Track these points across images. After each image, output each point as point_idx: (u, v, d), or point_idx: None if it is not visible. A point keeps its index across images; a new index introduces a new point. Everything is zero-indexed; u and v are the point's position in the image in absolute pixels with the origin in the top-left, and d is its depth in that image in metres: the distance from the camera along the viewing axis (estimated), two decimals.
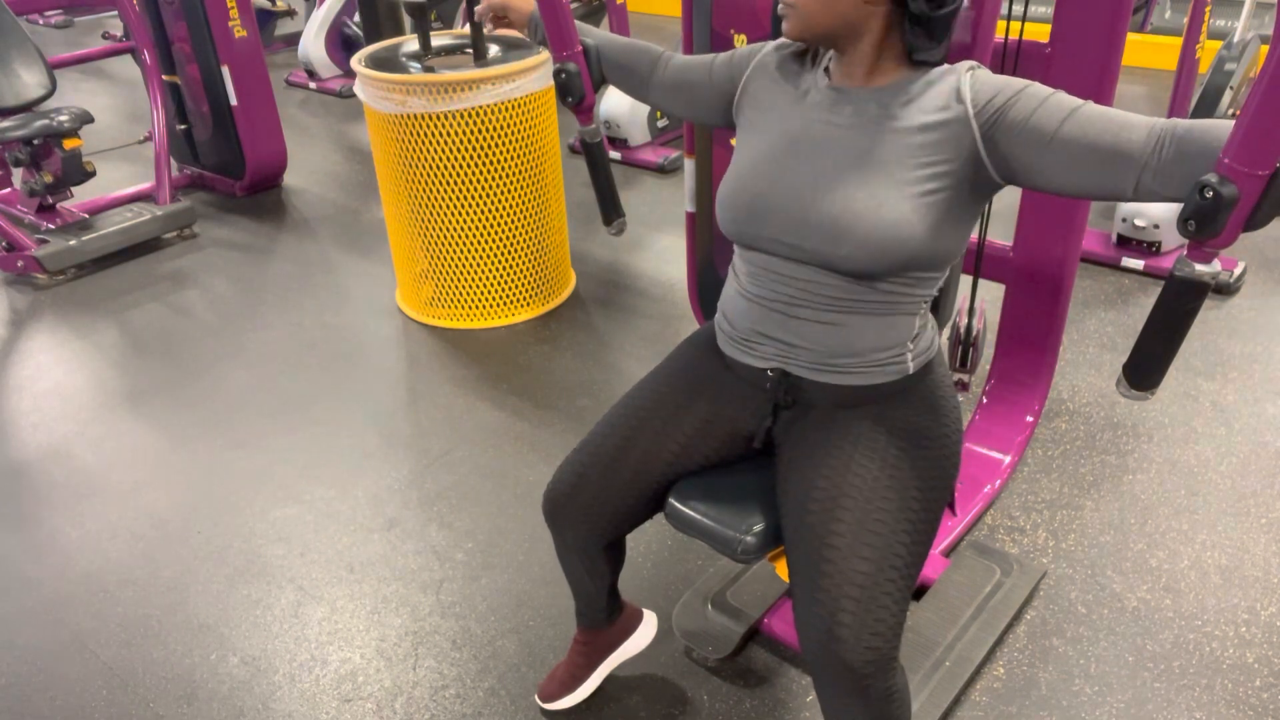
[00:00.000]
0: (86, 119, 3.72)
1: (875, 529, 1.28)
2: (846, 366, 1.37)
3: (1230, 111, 3.61)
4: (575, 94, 1.71)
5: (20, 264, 3.61)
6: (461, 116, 2.88)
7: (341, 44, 6.14)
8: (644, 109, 4.58)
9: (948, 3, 1.24)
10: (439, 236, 3.08)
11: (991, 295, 2.39)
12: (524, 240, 3.15)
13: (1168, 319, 1.11)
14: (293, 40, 6.83)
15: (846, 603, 1.24)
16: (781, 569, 1.54)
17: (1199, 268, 1.09)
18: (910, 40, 1.27)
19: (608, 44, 1.67)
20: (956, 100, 1.24)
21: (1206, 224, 1.06)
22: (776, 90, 1.41)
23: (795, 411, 1.45)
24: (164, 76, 4.20)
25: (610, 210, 1.80)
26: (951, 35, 1.30)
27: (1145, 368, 1.18)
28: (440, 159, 2.94)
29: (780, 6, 1.31)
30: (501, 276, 3.17)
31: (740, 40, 2.24)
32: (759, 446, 1.50)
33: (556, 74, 1.72)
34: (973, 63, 1.29)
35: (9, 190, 4.08)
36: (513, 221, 3.10)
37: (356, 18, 6.00)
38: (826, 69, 1.38)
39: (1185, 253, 1.12)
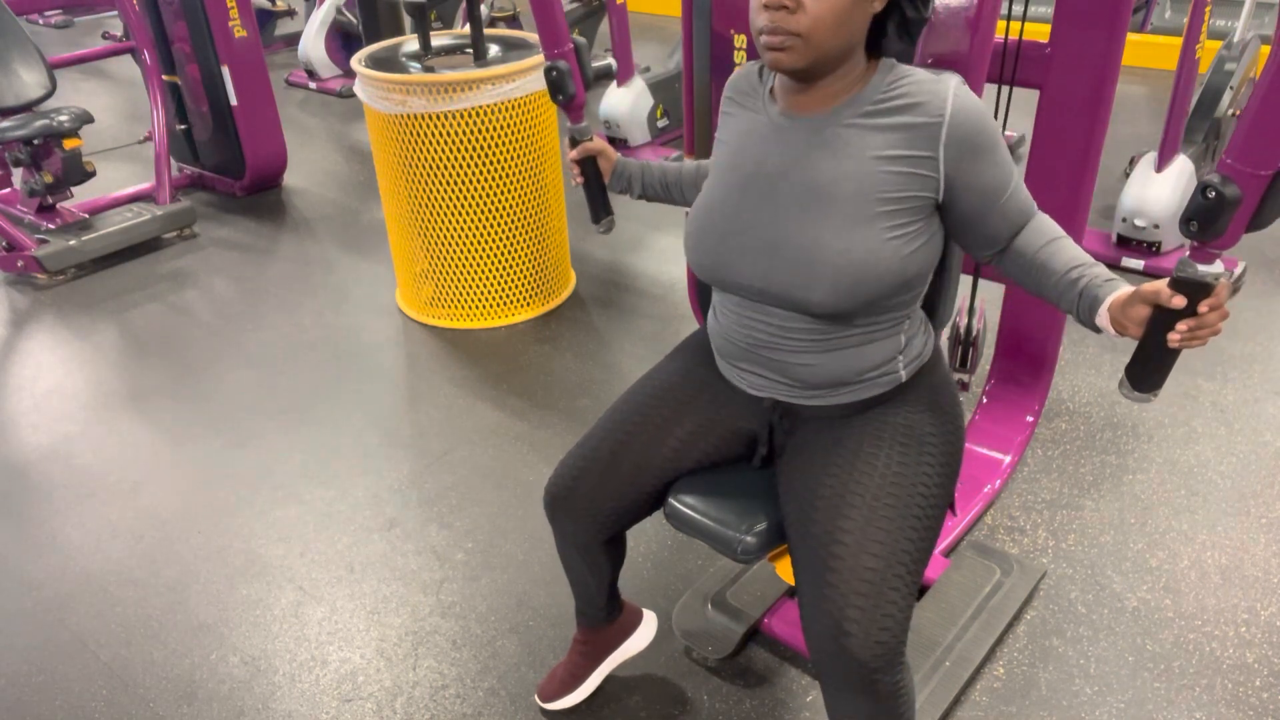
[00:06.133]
0: (86, 119, 3.72)
1: (882, 525, 1.28)
2: (836, 392, 1.38)
3: (1230, 111, 3.61)
4: (566, 92, 1.71)
5: (20, 264, 3.61)
6: (461, 116, 2.88)
7: (341, 41, 6.14)
8: (644, 108, 4.58)
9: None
10: (439, 236, 3.08)
11: (991, 295, 2.39)
12: (524, 240, 3.15)
13: (1170, 321, 1.10)
14: (293, 40, 6.83)
15: (855, 599, 1.24)
16: (781, 569, 1.54)
17: (1201, 269, 1.08)
18: (889, 45, 1.27)
19: (653, 172, 1.69)
20: (929, 142, 1.22)
21: (1209, 224, 1.06)
22: (734, 120, 1.39)
23: (795, 423, 1.45)
24: (164, 76, 4.20)
25: (599, 209, 1.80)
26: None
27: (1148, 370, 1.18)
28: (440, 159, 2.94)
29: (771, 40, 1.19)
30: (501, 276, 3.17)
31: (740, 40, 2.24)
32: (764, 454, 1.50)
33: (547, 72, 1.72)
34: (956, 86, 1.23)
35: (9, 190, 4.08)
36: (513, 221, 3.10)
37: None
38: (771, 91, 1.34)
39: (1188, 253, 1.11)
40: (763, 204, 1.30)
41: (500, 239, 3.11)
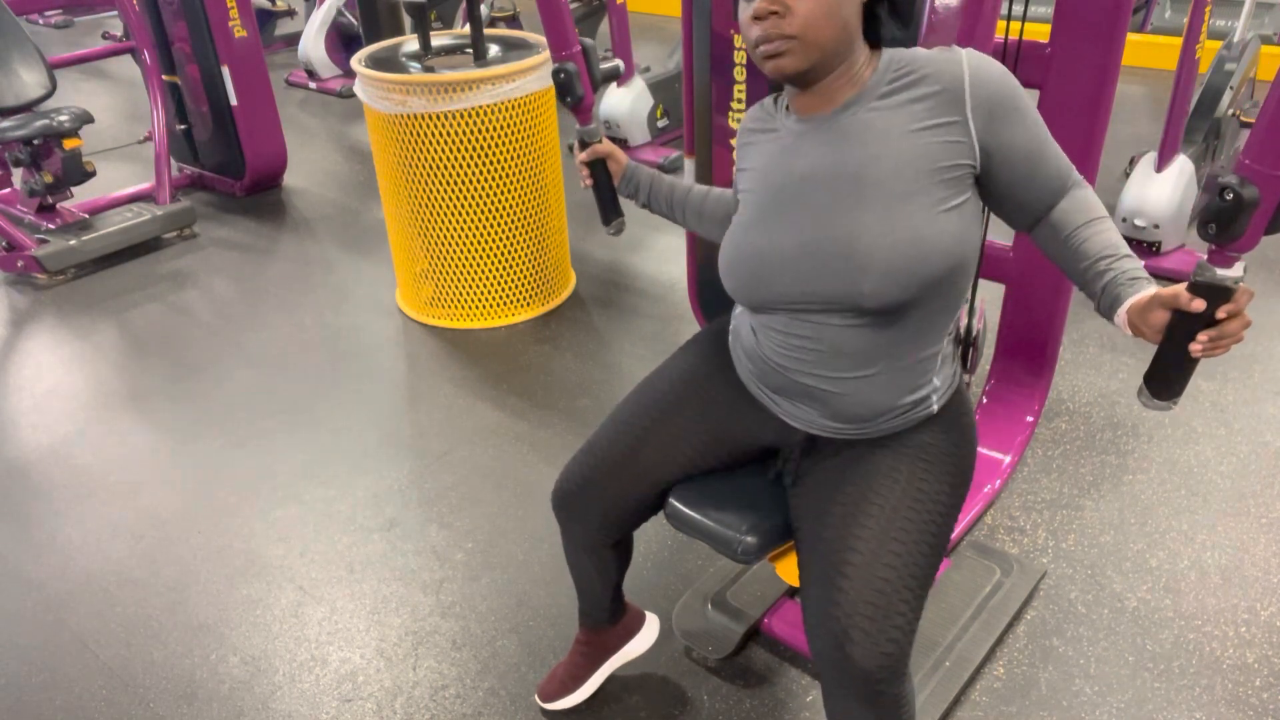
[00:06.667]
0: (86, 119, 3.72)
1: (899, 536, 1.27)
2: (876, 425, 1.36)
3: (1230, 111, 3.61)
4: (574, 94, 1.71)
5: (20, 264, 3.61)
6: (461, 116, 2.88)
7: (340, 42, 6.14)
8: (644, 108, 4.58)
9: None
10: (439, 236, 3.08)
11: (991, 295, 2.39)
12: (524, 240, 3.15)
13: (1188, 327, 1.08)
14: (293, 40, 6.83)
15: (865, 608, 1.23)
16: (781, 569, 1.54)
17: (1220, 272, 1.06)
18: (885, 31, 1.25)
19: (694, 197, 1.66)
20: (954, 107, 1.20)
21: (1227, 227, 1.04)
22: (754, 148, 1.38)
23: (819, 446, 1.45)
24: (164, 76, 4.20)
25: (609, 210, 1.79)
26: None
27: (1167, 378, 1.15)
28: (440, 159, 2.94)
29: (767, 48, 1.20)
30: (501, 276, 3.17)
31: (740, 40, 2.24)
32: (789, 481, 1.48)
33: (555, 74, 1.71)
34: (966, 56, 1.22)
35: (9, 190, 4.08)
36: (513, 221, 3.10)
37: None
38: (786, 108, 1.34)
39: (1206, 257, 1.09)
40: (796, 209, 1.27)
41: (500, 239, 3.11)
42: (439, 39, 3.17)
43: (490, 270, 3.15)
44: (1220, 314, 1.04)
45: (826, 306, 1.27)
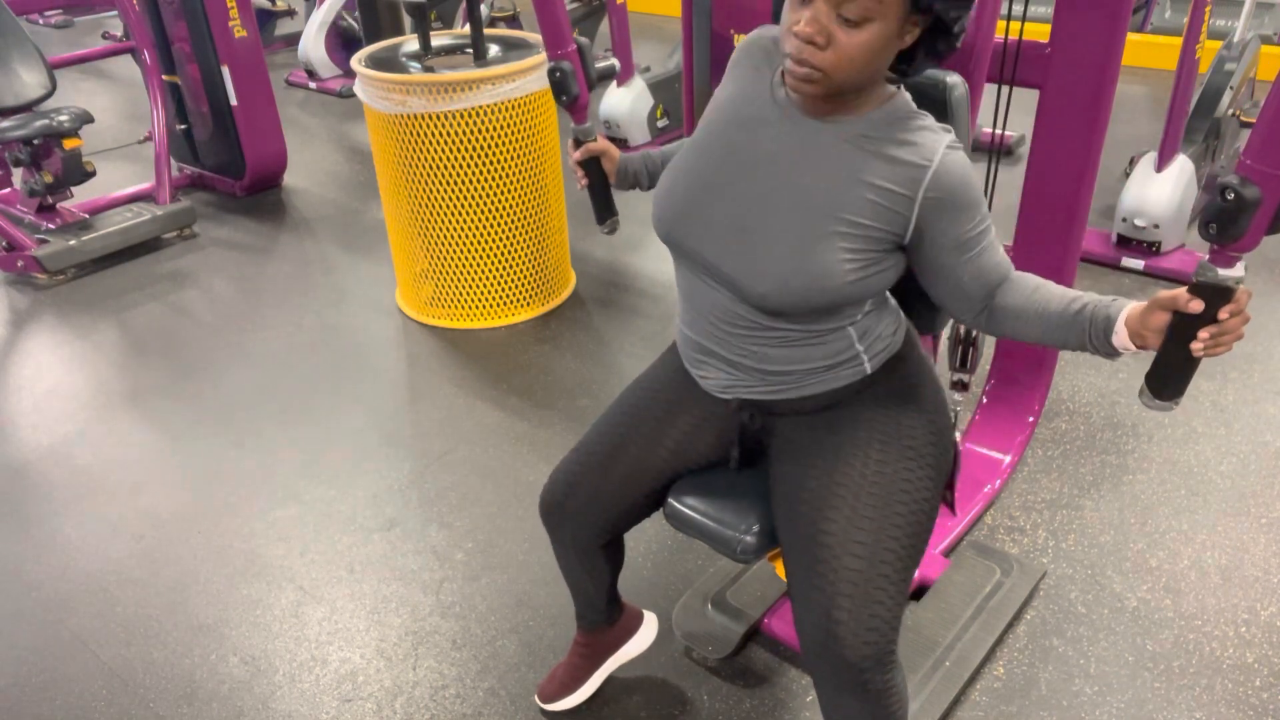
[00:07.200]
0: (86, 119, 3.72)
1: (865, 525, 1.28)
2: (797, 383, 1.36)
3: (1230, 111, 3.61)
4: (569, 93, 1.71)
5: (20, 264, 3.61)
6: (461, 116, 2.88)
7: (340, 42, 6.13)
8: (644, 108, 4.58)
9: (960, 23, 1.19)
10: (439, 236, 3.08)
11: None
12: (524, 240, 3.15)
13: (1189, 327, 1.07)
14: (293, 40, 6.83)
15: (842, 599, 1.24)
16: (781, 569, 1.54)
17: (1222, 273, 1.06)
18: (914, 69, 1.24)
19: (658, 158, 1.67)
20: (912, 184, 1.20)
21: (1228, 227, 1.04)
22: (739, 82, 1.36)
23: (770, 422, 1.44)
24: (164, 76, 4.20)
25: (603, 209, 1.79)
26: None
27: (1169, 378, 1.15)
28: (440, 159, 2.94)
29: (796, 69, 1.17)
30: (501, 276, 3.17)
31: (740, 40, 2.24)
32: (737, 458, 1.48)
33: (551, 72, 1.71)
34: (950, 143, 1.21)
35: (9, 190, 4.08)
36: (513, 221, 3.10)
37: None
38: (783, 72, 1.32)
39: (1207, 257, 1.09)
40: (741, 180, 1.28)
41: (500, 239, 3.11)
42: (439, 39, 3.17)
43: (490, 270, 3.15)
44: (1222, 314, 1.04)
45: (722, 283, 1.30)
